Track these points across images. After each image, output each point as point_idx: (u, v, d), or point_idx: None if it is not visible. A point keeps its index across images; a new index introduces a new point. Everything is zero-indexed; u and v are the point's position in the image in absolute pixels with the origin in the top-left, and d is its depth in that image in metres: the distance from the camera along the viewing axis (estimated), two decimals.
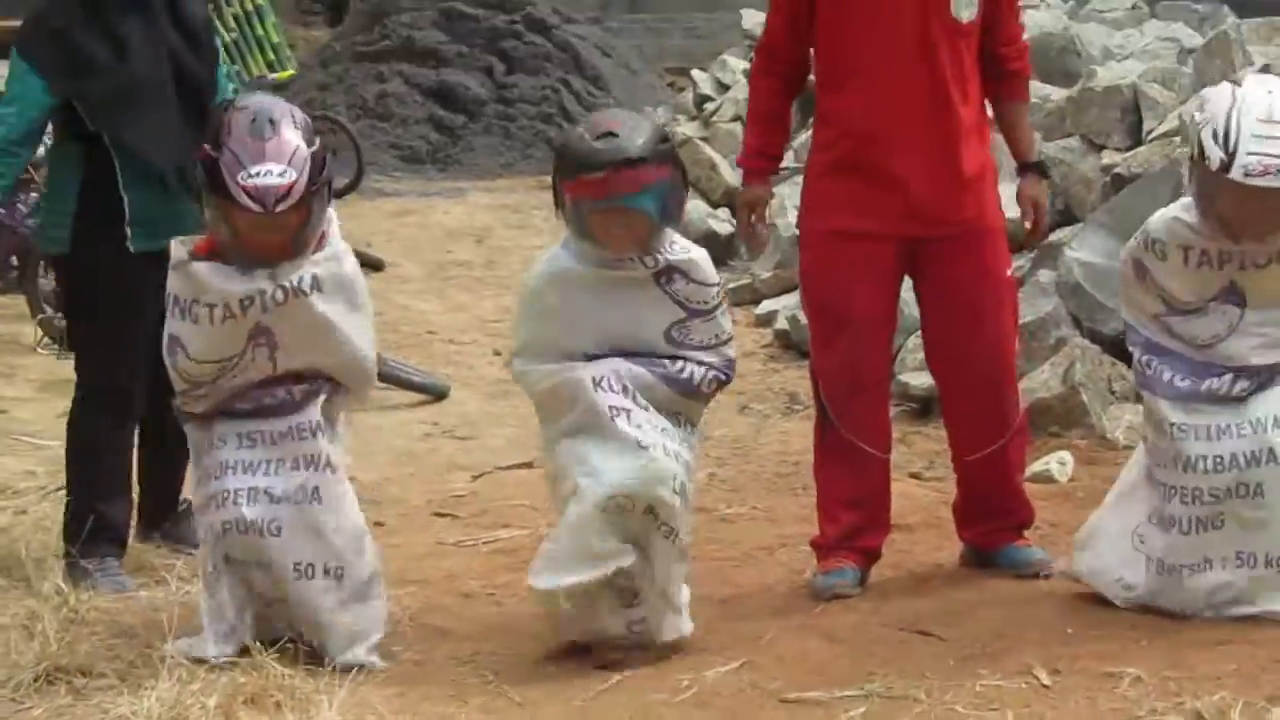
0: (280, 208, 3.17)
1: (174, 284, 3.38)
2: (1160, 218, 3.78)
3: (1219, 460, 3.64)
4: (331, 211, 3.48)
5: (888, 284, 4.58)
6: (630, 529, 3.54)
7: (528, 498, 5.34)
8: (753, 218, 4.79)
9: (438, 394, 6.95)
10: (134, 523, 4.78)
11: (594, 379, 3.54)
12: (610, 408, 3.51)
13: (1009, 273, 4.81)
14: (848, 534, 4.44)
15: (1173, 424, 3.68)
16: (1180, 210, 3.73)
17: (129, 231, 4.45)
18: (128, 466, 4.77)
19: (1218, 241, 3.62)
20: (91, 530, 4.48)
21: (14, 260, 7.65)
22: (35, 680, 3.58)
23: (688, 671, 3.63)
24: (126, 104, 4.60)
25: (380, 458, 6.05)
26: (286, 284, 3.27)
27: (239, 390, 3.39)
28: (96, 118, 4.54)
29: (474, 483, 5.74)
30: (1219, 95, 3.62)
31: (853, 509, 4.50)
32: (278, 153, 3.20)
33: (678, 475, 3.48)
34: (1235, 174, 3.41)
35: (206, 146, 3.27)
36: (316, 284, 3.31)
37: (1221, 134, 3.46)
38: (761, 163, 4.74)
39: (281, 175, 3.16)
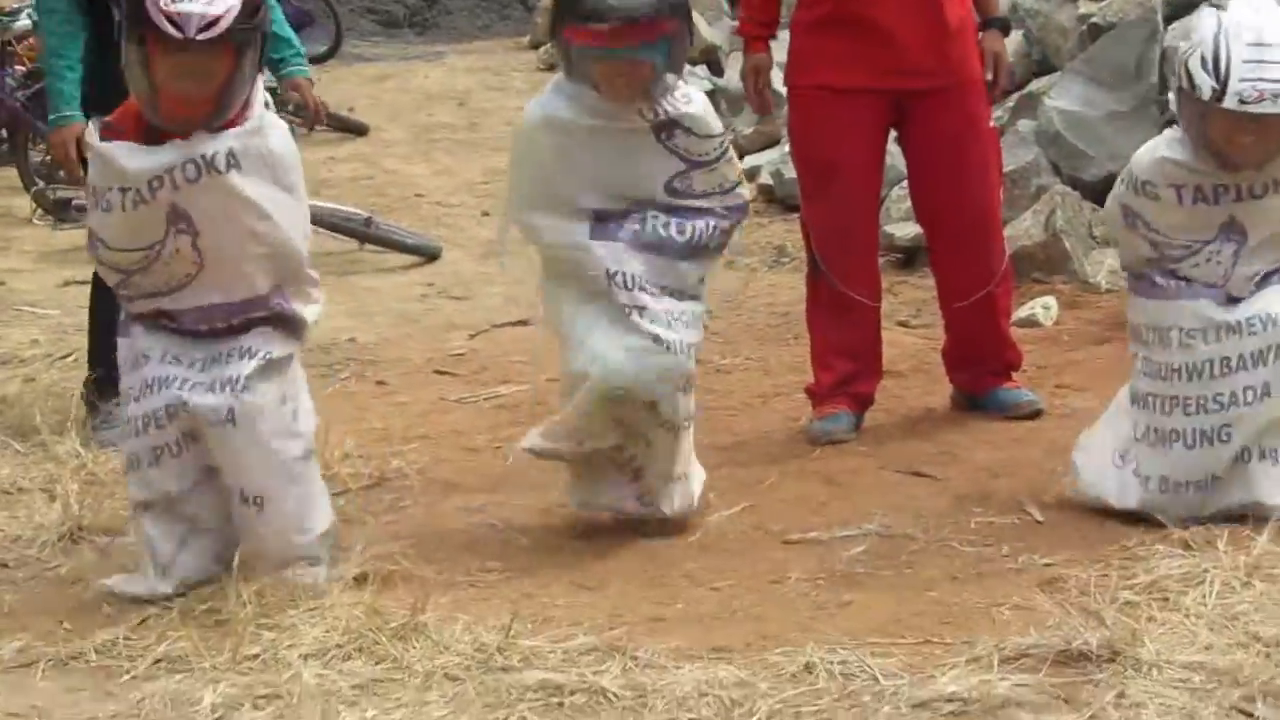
0: (203, 35, 2.77)
1: (90, 171, 3.12)
2: (1146, 157, 3.55)
3: (1226, 363, 3.48)
4: (260, 80, 3.08)
5: (875, 136, 4.67)
6: (629, 417, 3.50)
7: (525, 354, 5.29)
8: (759, 83, 4.88)
9: (431, 254, 7.01)
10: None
11: (609, 272, 3.40)
12: (625, 306, 3.41)
13: (990, 123, 4.89)
14: (842, 381, 4.55)
15: (1183, 329, 3.51)
16: (1165, 147, 3.49)
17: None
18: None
19: (1212, 175, 3.43)
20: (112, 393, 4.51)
21: (2, 133, 7.54)
22: (60, 540, 3.67)
23: (692, 516, 3.73)
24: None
25: (379, 319, 6.15)
26: (199, 158, 2.85)
27: (174, 291, 2.99)
28: None
29: (472, 340, 5.81)
30: (1204, 21, 3.45)
31: (846, 357, 4.59)
32: None
33: (684, 369, 3.42)
34: (1229, 102, 3.23)
35: None
36: (233, 159, 2.89)
37: (1211, 61, 3.26)
38: (760, 29, 4.83)
39: (209, 4, 2.78)
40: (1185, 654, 2.92)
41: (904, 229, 5.89)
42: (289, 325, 3.05)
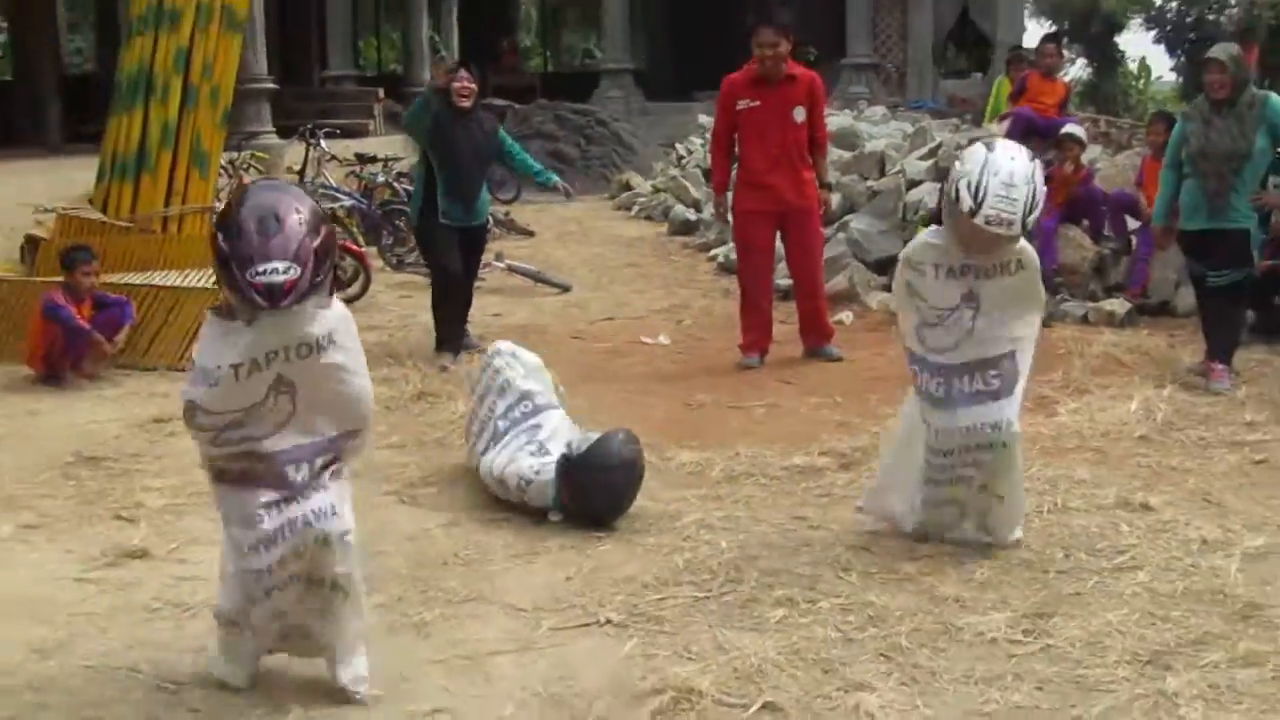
0: (286, 303, 2.90)
1: (202, 353, 3.11)
2: (915, 244, 4.24)
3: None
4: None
5: (771, 232, 7.22)
6: None
7: (616, 330, 8.43)
8: (720, 210, 7.75)
9: (565, 288, 10.04)
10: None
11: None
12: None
13: (821, 229, 7.62)
14: (753, 340, 7.26)
15: (934, 426, 4.23)
16: (928, 236, 4.21)
17: (441, 218, 7.27)
18: (460, 312, 7.55)
19: (959, 257, 4.04)
20: (444, 340, 7.43)
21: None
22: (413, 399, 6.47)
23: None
24: (451, 159, 7.21)
25: (542, 317, 9.04)
26: (308, 341, 3.05)
27: (260, 442, 3.14)
28: (437, 162, 7.26)
29: (589, 325, 8.72)
30: (974, 155, 3.98)
31: (756, 330, 7.27)
32: (283, 249, 2.89)
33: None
34: (979, 220, 3.85)
35: (219, 235, 2.97)
36: (331, 339, 3.10)
37: (973, 187, 3.85)
38: (720, 188, 7.59)
39: (286, 271, 2.86)
40: None
41: (785, 279, 7.90)
42: (350, 455, 3.34)
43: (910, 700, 3.39)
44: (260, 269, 2.87)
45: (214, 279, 8.18)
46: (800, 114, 7.01)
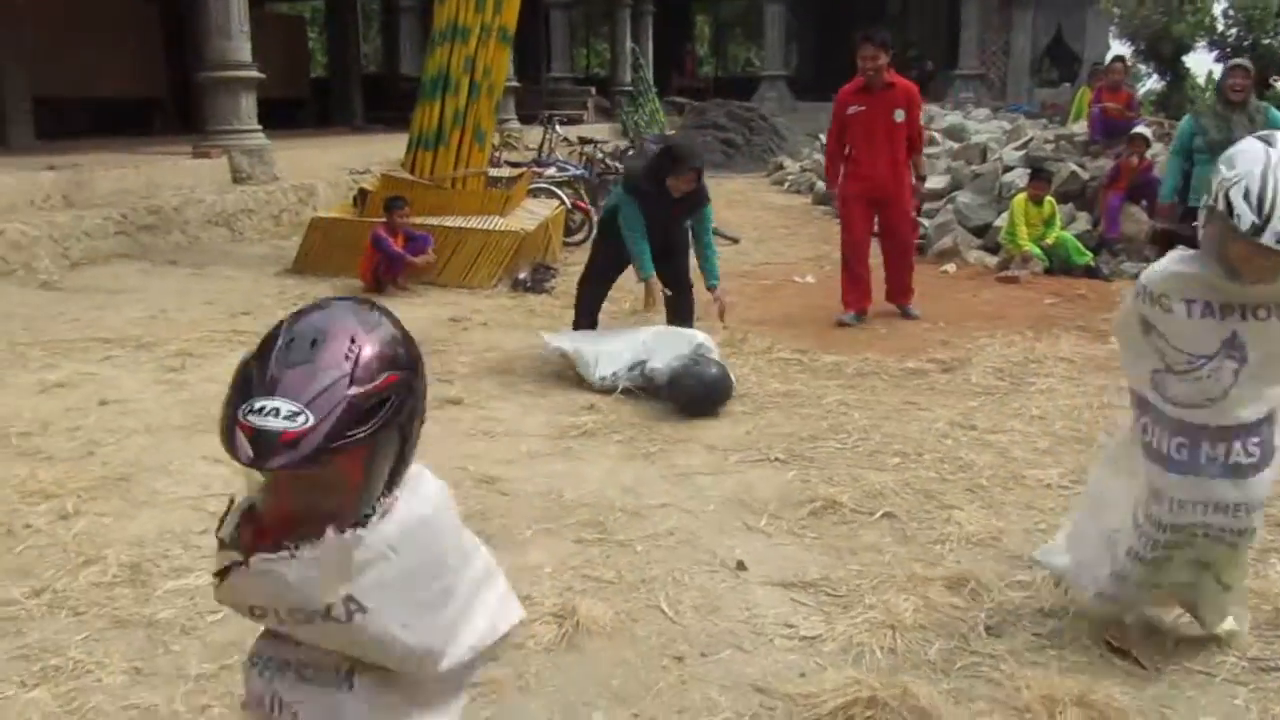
0: (276, 463, 1.27)
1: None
2: (1159, 273, 2.52)
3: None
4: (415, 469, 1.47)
5: (870, 214, 6.93)
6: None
7: (774, 274, 8.66)
8: (833, 199, 8.03)
9: (735, 240, 10.07)
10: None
11: None
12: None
13: (911, 213, 7.26)
14: (852, 301, 6.88)
15: (1169, 495, 2.57)
16: (1177, 264, 2.49)
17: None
18: (594, 309, 6.05)
19: (1220, 292, 2.43)
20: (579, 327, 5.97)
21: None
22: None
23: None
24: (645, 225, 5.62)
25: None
26: (340, 606, 1.35)
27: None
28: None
29: (752, 268, 8.91)
30: (1251, 154, 2.35)
31: (854, 294, 6.88)
32: (299, 385, 1.30)
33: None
34: (1267, 239, 2.25)
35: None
36: (350, 605, 1.36)
37: (1255, 195, 2.27)
38: (833, 182, 7.30)
39: (290, 419, 1.27)
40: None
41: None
42: None
43: (986, 519, 3.83)
44: (256, 405, 1.29)
45: (477, 225, 8.16)
46: (899, 115, 6.65)
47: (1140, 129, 9.06)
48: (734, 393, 5.18)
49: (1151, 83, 31.83)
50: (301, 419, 1.27)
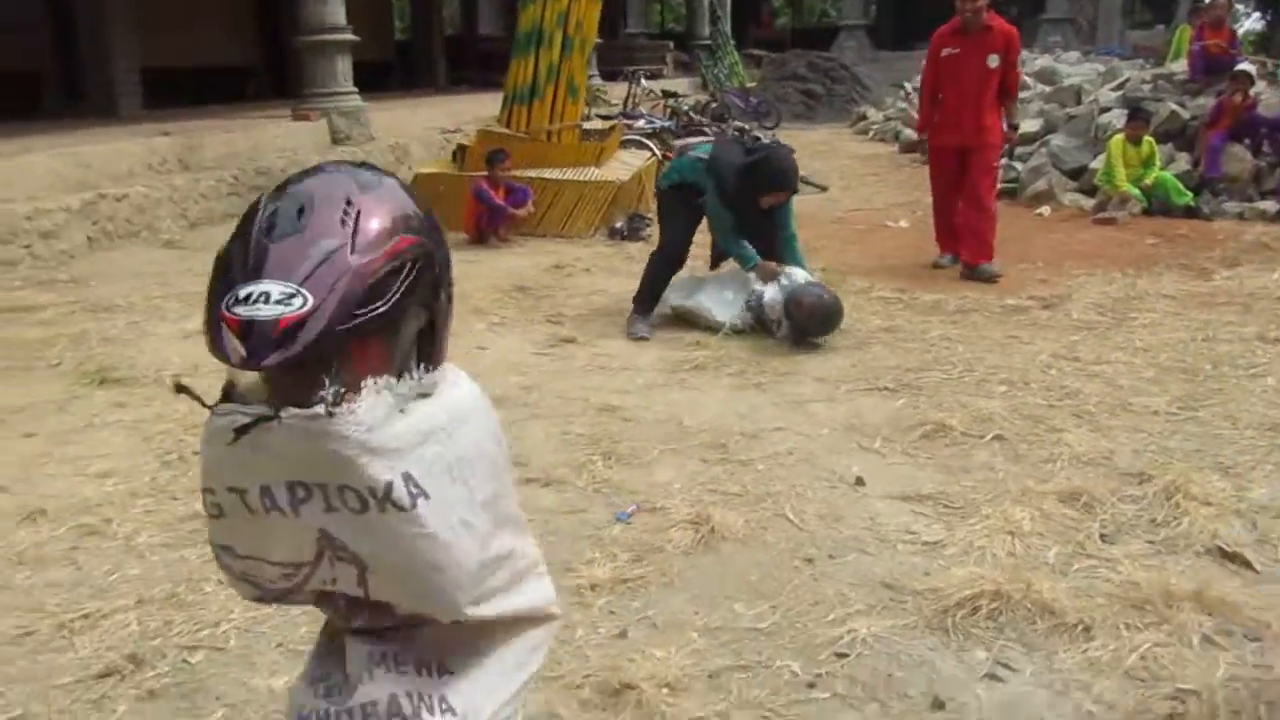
0: (275, 358, 1.01)
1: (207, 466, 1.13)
2: None
3: None
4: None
5: (955, 162, 6.66)
6: None
7: (848, 215, 8.82)
8: (922, 146, 7.38)
9: (823, 188, 10.30)
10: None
11: None
12: None
13: (995, 164, 6.82)
14: (946, 244, 6.91)
15: None
16: None
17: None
18: (660, 281, 5.65)
19: None
20: (642, 305, 5.66)
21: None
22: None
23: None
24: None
25: (812, 207, 9.12)
26: (402, 487, 1.07)
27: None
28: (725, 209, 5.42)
29: (841, 214, 9.03)
30: None
31: (946, 236, 6.90)
32: (289, 260, 1.03)
33: None
34: None
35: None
36: (410, 487, 1.08)
37: None
38: (924, 128, 7.07)
39: (283, 302, 1.01)
40: None
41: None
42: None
43: (1095, 440, 3.98)
44: (241, 293, 1.03)
45: (573, 176, 8.43)
46: (994, 60, 6.37)
47: (1244, 66, 8.92)
48: (842, 321, 5.29)
49: (1250, 22, 30.77)
50: (298, 301, 1.00)
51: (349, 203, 1.07)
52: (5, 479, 3.71)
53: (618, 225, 8.28)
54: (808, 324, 5.18)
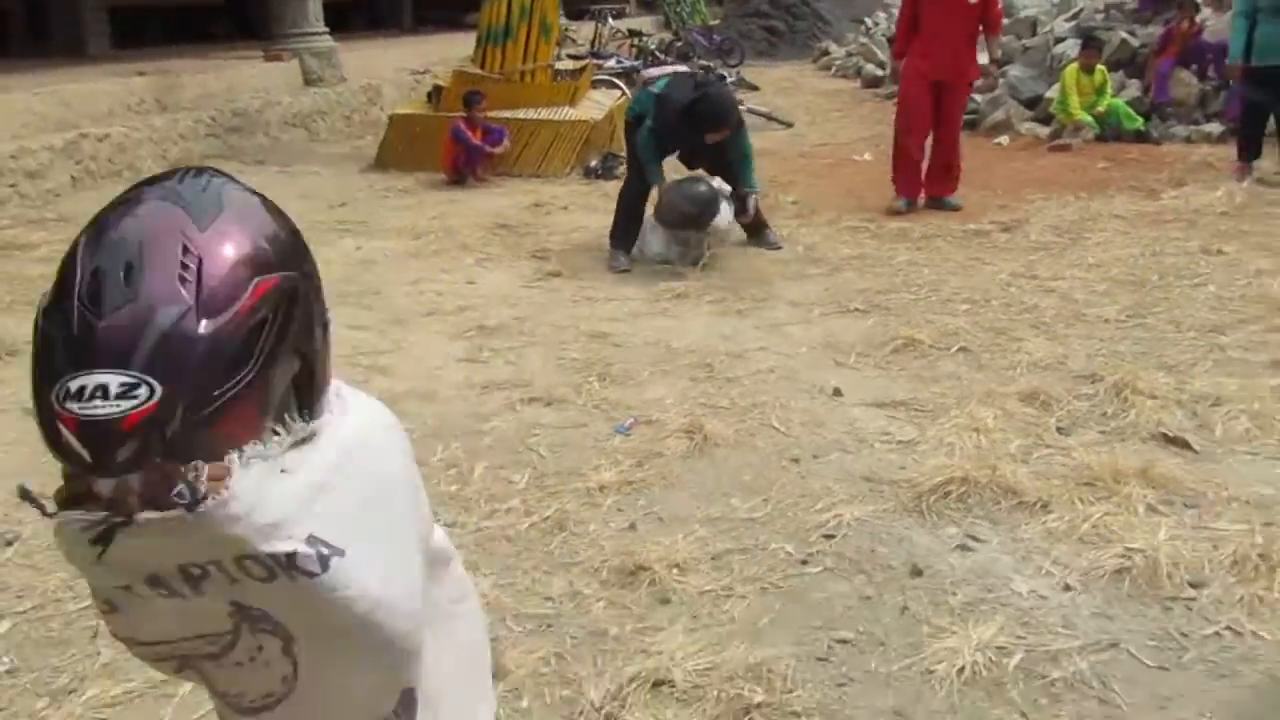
0: (128, 461, 0.80)
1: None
2: None
3: None
4: (338, 391, 1.02)
5: (929, 95, 6.53)
6: None
7: (823, 153, 9.26)
8: (894, 72, 7.40)
9: (788, 124, 10.39)
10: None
11: None
12: None
13: (966, 98, 6.99)
14: (905, 186, 6.71)
15: None
16: None
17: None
18: (633, 215, 5.76)
19: None
20: (619, 239, 5.80)
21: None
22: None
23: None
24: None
25: (769, 139, 9.37)
26: (306, 550, 0.89)
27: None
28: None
29: (797, 153, 9.24)
30: None
31: (907, 176, 6.69)
32: (122, 342, 0.80)
33: None
34: None
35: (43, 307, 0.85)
36: (319, 548, 0.90)
37: None
38: (900, 55, 6.82)
39: (126, 397, 0.78)
40: None
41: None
42: None
43: (1051, 348, 4.28)
44: (73, 386, 0.80)
45: (548, 116, 8.67)
46: None
47: None
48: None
49: None
50: (143, 392, 0.80)
51: (186, 250, 0.84)
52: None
53: (592, 164, 8.43)
54: (664, 216, 5.49)
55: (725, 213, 5.71)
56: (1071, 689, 2.24)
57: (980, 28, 6.50)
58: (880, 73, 13.26)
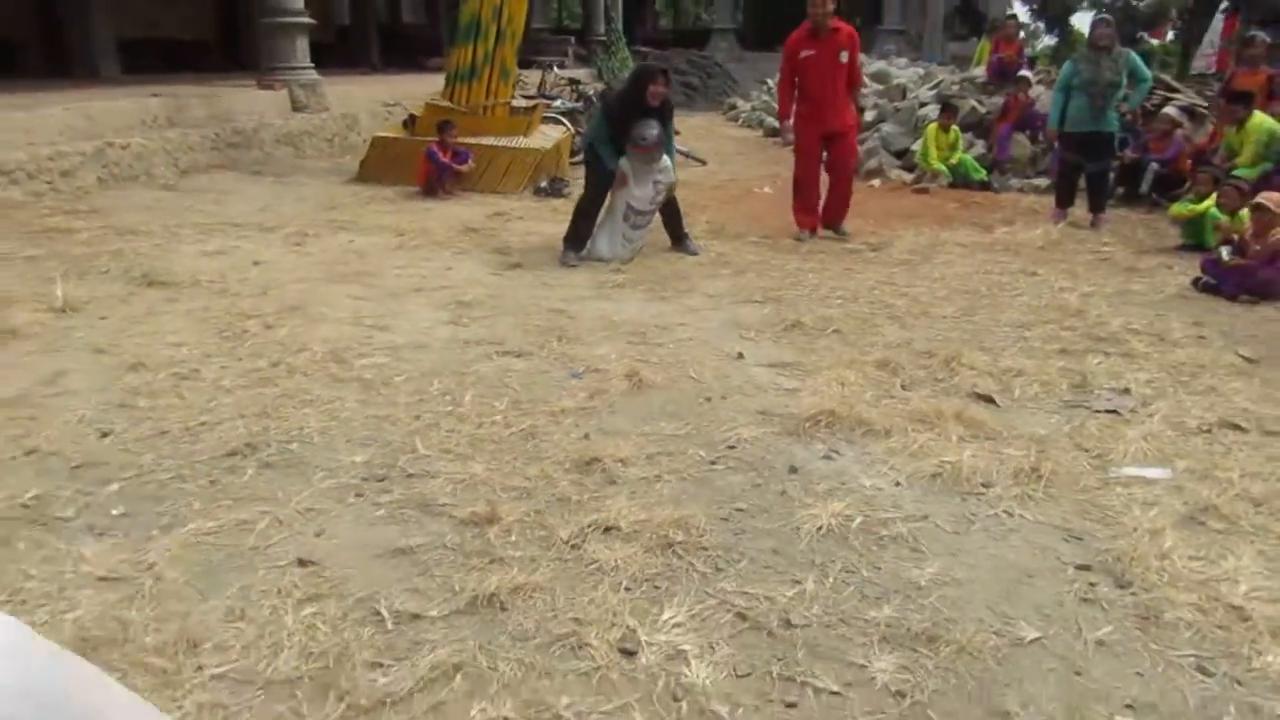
0: None
1: None
2: None
3: None
4: None
5: (820, 145, 6.88)
6: None
7: (731, 169, 10.29)
8: (785, 133, 7.06)
9: (703, 162, 11.15)
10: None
11: None
12: None
13: (855, 144, 7.40)
14: (805, 221, 7.02)
15: None
16: None
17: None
18: (585, 222, 6.19)
19: None
20: (569, 239, 6.25)
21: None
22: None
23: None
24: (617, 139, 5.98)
25: (688, 175, 10.18)
26: None
27: None
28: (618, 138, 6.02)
29: (709, 174, 10.27)
30: None
31: (807, 214, 7.00)
32: None
33: None
34: None
35: None
36: None
37: None
38: (784, 117, 7.01)
39: None
40: None
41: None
42: None
43: (901, 333, 4.88)
44: None
45: (506, 144, 9.81)
46: (844, 56, 6.55)
47: (1024, 72, 10.07)
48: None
49: (1047, 39, 32.82)
50: None
51: None
52: (103, 344, 4.28)
53: (542, 185, 8.93)
54: (636, 140, 5.93)
55: (666, 160, 6.20)
56: (894, 541, 2.83)
57: (848, 84, 6.75)
58: (778, 125, 13.95)
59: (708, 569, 2.61)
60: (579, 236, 6.18)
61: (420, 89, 12.72)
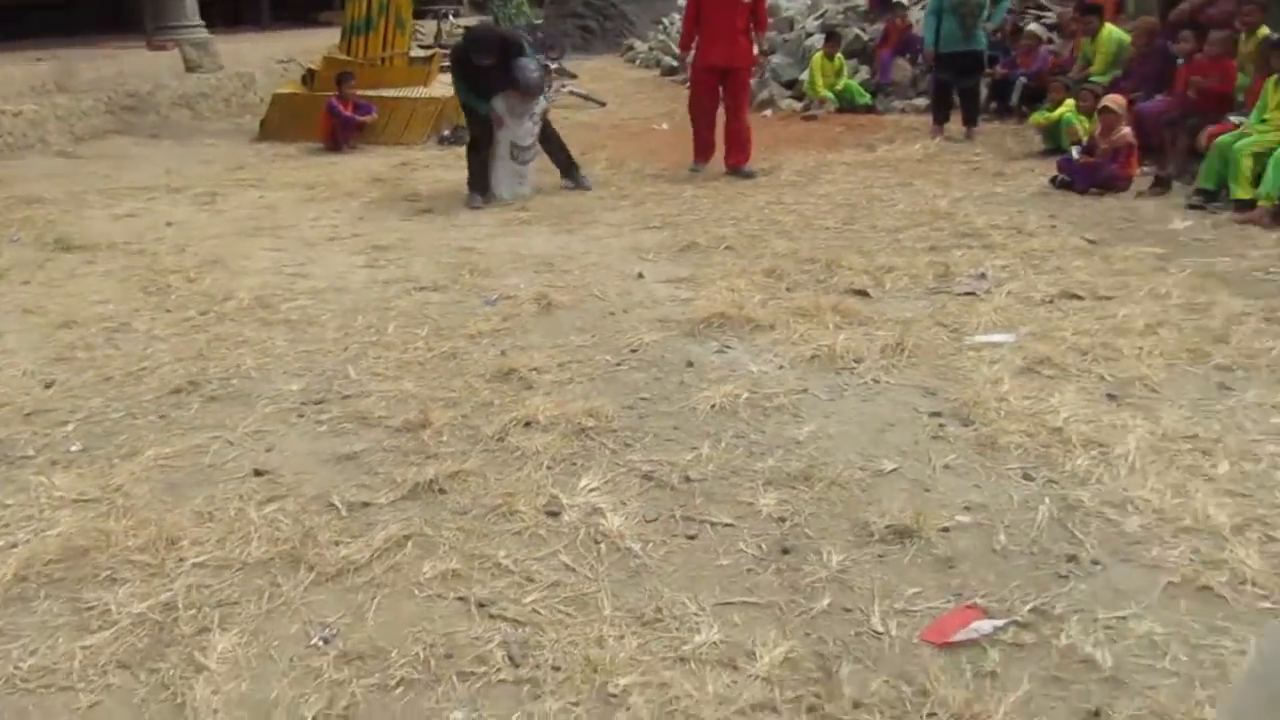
0: None
1: None
2: None
3: None
4: None
5: (715, 81, 6.96)
6: None
7: (626, 118, 10.54)
8: (684, 64, 8.33)
9: (602, 104, 11.11)
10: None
11: None
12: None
13: (749, 81, 7.25)
14: (699, 155, 7.24)
15: None
16: None
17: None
18: (481, 166, 6.43)
19: None
20: (472, 183, 6.49)
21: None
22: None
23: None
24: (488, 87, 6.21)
25: (595, 115, 10.61)
26: None
27: None
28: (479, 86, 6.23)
29: (606, 121, 10.90)
30: None
31: (701, 147, 7.21)
32: None
33: None
34: None
35: None
36: None
37: None
38: (686, 50, 7.30)
39: None
40: None
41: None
42: None
43: (788, 245, 5.31)
44: None
45: (407, 94, 9.91)
46: None
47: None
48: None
49: None
50: None
51: None
52: (30, 305, 4.44)
53: (445, 133, 9.09)
54: (524, 86, 6.18)
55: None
56: (777, 410, 3.27)
57: (751, 25, 6.81)
58: (674, 63, 14.21)
59: (617, 446, 3.02)
60: (480, 179, 6.39)
61: (314, 44, 12.64)
